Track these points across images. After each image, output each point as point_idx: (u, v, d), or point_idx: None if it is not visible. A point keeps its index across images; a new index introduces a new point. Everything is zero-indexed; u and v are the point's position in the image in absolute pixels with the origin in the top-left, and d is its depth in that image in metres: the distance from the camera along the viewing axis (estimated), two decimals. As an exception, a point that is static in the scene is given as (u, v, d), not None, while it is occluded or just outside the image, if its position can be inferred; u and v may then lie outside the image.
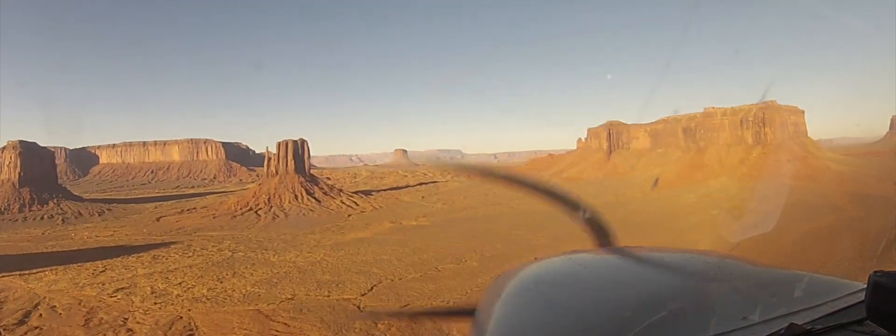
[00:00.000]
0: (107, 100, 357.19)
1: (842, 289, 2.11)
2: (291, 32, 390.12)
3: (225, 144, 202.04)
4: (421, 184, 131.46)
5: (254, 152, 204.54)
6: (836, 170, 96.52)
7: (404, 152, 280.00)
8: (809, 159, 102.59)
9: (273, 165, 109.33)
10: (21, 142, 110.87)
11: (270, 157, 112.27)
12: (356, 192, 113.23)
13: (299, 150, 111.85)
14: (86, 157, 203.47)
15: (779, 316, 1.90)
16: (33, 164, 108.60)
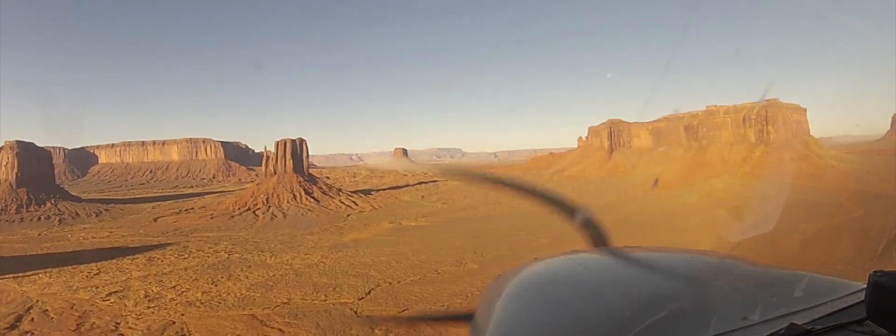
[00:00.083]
0: (106, 99, 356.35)
1: (842, 289, 2.11)
2: (291, 31, 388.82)
3: (224, 144, 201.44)
4: (421, 183, 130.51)
5: (253, 151, 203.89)
6: (840, 168, 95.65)
7: (404, 151, 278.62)
8: (812, 158, 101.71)
9: (271, 165, 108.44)
10: (18, 142, 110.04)
11: (269, 157, 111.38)
12: (355, 192, 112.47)
13: (298, 149, 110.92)
14: (85, 157, 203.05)
15: (779, 316, 1.92)
16: (31, 164, 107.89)
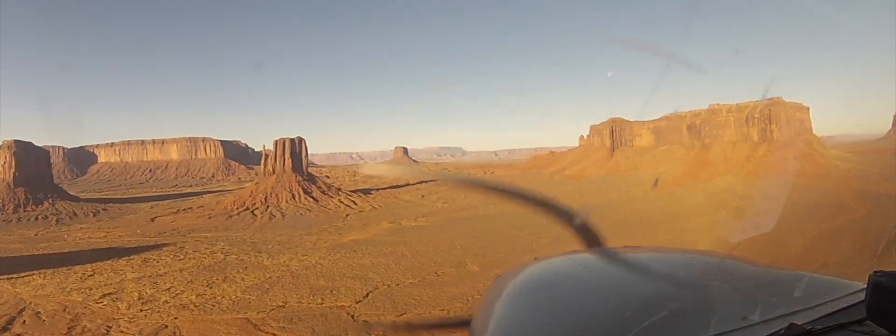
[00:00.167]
0: (105, 99, 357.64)
1: (842, 289, 2.10)
2: (291, 31, 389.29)
3: (223, 143, 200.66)
4: (421, 182, 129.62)
5: (253, 150, 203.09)
6: (843, 167, 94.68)
7: (405, 150, 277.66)
8: (816, 157, 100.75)
9: (270, 164, 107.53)
10: (16, 141, 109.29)
11: (267, 156, 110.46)
12: (355, 191, 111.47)
13: (297, 148, 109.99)
14: (84, 157, 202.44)
15: (779, 316, 1.91)
16: (28, 163, 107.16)
